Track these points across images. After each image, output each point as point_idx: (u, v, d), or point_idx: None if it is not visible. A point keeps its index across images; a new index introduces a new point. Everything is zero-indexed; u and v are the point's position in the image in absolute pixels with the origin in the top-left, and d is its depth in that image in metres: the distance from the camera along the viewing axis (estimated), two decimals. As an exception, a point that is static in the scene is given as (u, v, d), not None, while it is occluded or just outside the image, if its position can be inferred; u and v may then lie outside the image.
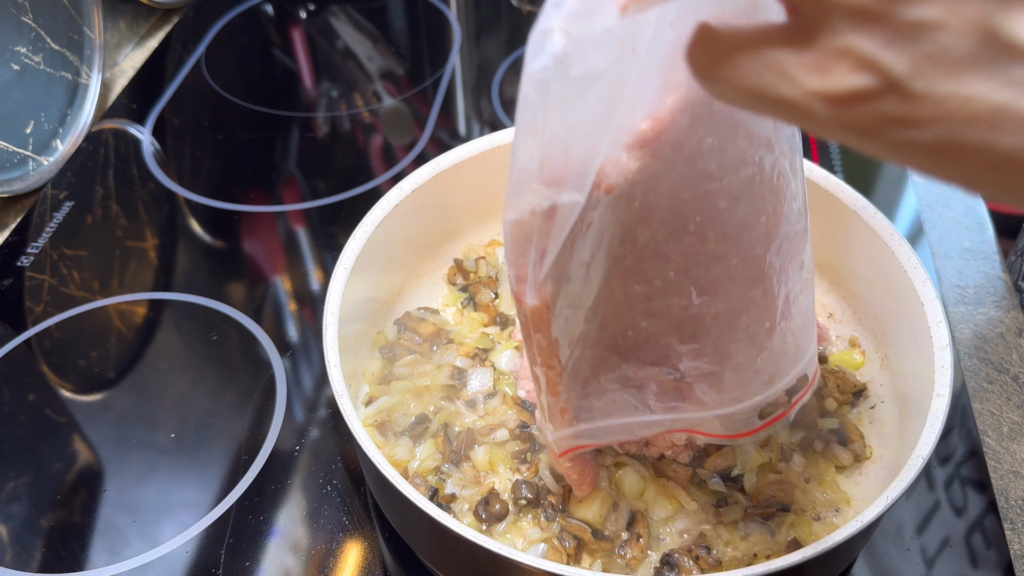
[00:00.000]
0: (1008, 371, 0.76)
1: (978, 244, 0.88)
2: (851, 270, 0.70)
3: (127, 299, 0.84)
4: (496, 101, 1.08)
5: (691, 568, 0.56)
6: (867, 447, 0.64)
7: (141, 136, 1.05)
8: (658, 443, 0.60)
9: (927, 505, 0.65)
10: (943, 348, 0.56)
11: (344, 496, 0.67)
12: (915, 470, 0.50)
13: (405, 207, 0.69)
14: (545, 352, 0.47)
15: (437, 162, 0.71)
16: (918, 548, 0.63)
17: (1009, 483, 0.68)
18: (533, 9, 1.25)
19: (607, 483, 0.61)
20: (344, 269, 0.63)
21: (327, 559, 0.63)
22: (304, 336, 0.80)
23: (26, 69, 0.99)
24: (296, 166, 1.01)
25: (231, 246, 0.90)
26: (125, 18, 1.20)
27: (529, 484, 0.60)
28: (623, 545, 0.58)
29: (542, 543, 0.58)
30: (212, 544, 0.64)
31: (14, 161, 0.96)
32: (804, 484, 0.62)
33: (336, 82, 1.14)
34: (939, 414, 0.53)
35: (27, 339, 0.81)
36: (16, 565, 0.64)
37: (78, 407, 0.75)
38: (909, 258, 0.61)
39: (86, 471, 0.70)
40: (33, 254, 0.89)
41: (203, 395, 0.75)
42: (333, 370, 0.57)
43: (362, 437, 0.53)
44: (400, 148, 1.03)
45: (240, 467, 0.69)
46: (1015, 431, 0.72)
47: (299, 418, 0.73)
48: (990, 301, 0.82)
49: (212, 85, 1.12)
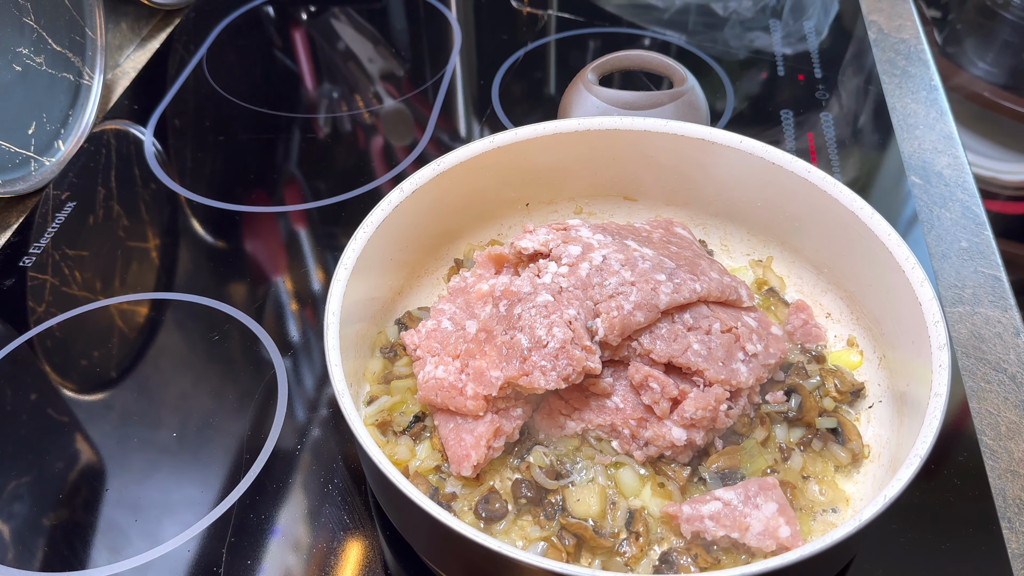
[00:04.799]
0: (1005, 370, 0.77)
1: (976, 244, 0.88)
2: (849, 270, 0.70)
3: (129, 299, 0.85)
4: (496, 102, 1.09)
5: (689, 566, 0.56)
6: (865, 446, 0.64)
7: (143, 137, 1.05)
8: (658, 443, 0.60)
9: (925, 504, 0.66)
10: (941, 348, 0.57)
11: (345, 495, 0.68)
12: (913, 469, 0.50)
13: (406, 208, 0.69)
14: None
15: (438, 163, 0.71)
16: (916, 547, 0.63)
17: (1007, 482, 0.68)
18: (533, 10, 1.25)
19: (606, 481, 0.61)
20: (345, 269, 0.63)
21: (328, 557, 0.64)
22: (305, 336, 0.80)
23: (28, 70, 0.99)
24: (297, 167, 1.01)
25: (232, 246, 0.90)
26: (127, 19, 1.21)
27: (529, 483, 0.60)
28: (622, 543, 0.58)
29: (542, 541, 0.58)
30: (214, 543, 0.65)
31: (16, 162, 0.96)
32: (802, 483, 0.62)
33: (337, 83, 1.15)
34: (937, 413, 0.53)
35: (29, 339, 0.81)
36: (18, 564, 0.64)
37: (80, 406, 0.75)
38: (907, 258, 0.62)
39: (88, 470, 0.70)
40: (35, 254, 0.89)
41: (205, 395, 0.76)
42: (334, 369, 0.57)
43: (363, 436, 0.53)
44: (401, 149, 1.03)
45: (241, 466, 0.70)
46: (1012, 430, 0.72)
47: (300, 417, 0.73)
48: (987, 301, 0.83)
49: (213, 86, 1.13)
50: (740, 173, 0.73)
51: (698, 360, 0.60)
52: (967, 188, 0.95)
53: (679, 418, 0.59)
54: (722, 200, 0.78)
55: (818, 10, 1.23)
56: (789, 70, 1.12)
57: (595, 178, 0.79)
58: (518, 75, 1.13)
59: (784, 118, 1.04)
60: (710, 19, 1.23)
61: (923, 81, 1.11)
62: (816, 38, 1.18)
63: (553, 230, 0.67)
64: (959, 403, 0.73)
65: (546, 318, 0.59)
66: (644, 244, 0.66)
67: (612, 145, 0.75)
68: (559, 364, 0.58)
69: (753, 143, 0.71)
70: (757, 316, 0.67)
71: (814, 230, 0.72)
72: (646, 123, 0.74)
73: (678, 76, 0.82)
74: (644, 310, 0.60)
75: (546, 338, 0.58)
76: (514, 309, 0.61)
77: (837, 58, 1.14)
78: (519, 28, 1.22)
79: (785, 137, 1.01)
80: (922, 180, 0.96)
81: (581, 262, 0.62)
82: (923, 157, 0.99)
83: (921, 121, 1.05)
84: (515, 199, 0.80)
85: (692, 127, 0.73)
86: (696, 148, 0.73)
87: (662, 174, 0.77)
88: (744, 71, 1.13)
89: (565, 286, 0.61)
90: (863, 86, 1.08)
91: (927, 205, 0.93)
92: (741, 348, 0.63)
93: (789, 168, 0.70)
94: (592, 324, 0.60)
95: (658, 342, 0.60)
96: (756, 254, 0.79)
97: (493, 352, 0.60)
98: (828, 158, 0.98)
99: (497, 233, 0.81)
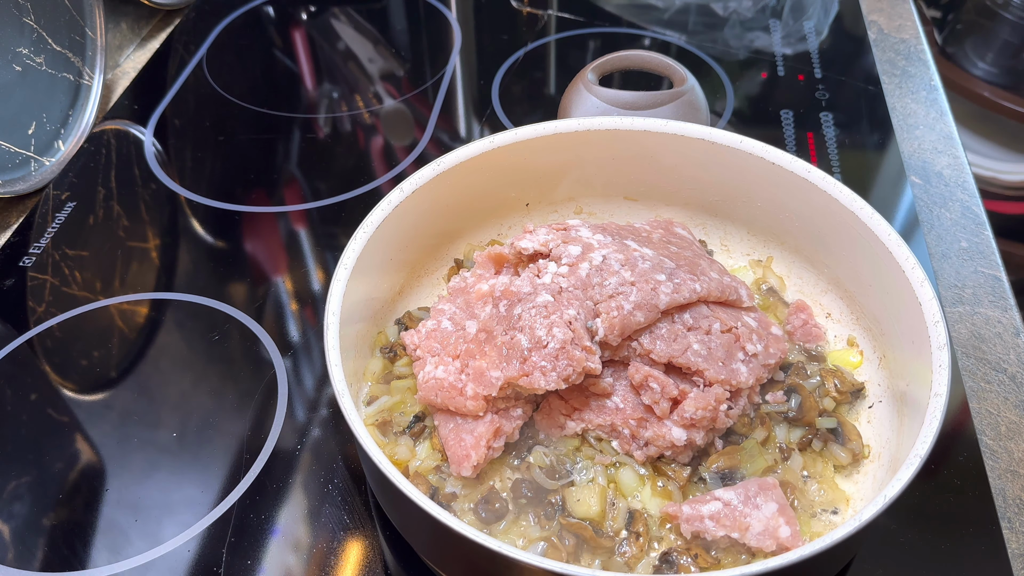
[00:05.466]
0: (1005, 370, 0.77)
1: (976, 244, 0.88)
2: (849, 270, 0.70)
3: (129, 299, 0.85)
4: (496, 102, 1.09)
5: (689, 566, 0.56)
6: (865, 446, 0.64)
7: (143, 137, 1.05)
8: (658, 443, 0.60)
9: (925, 504, 0.66)
10: (941, 348, 0.57)
11: (345, 495, 0.68)
12: (913, 469, 0.50)
13: (406, 208, 0.69)
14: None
15: (438, 163, 0.71)
16: (916, 547, 0.63)
17: (1007, 482, 0.68)
18: (533, 10, 1.25)
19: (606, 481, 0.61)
20: (345, 269, 0.63)
21: (328, 557, 0.64)
22: (305, 336, 0.80)
23: (28, 70, 0.99)
24: (297, 167, 1.01)
25: (232, 246, 0.90)
26: (127, 19, 1.21)
27: (529, 483, 0.60)
28: (622, 543, 0.58)
29: (542, 541, 0.58)
30: (214, 543, 0.65)
31: (16, 162, 0.96)
32: (802, 483, 0.62)
33: (337, 83, 1.15)
34: (937, 413, 0.53)
35: (29, 339, 0.81)
36: (18, 564, 0.64)
37: (80, 407, 0.75)
38: (907, 258, 0.62)
39: (88, 470, 0.70)
40: (35, 254, 0.89)
41: (205, 395, 0.76)
42: (334, 369, 0.57)
43: (363, 436, 0.53)
44: (401, 149, 1.03)
45: (241, 466, 0.70)
46: (1012, 430, 0.72)
47: (300, 417, 0.73)
48: (987, 301, 0.83)
49: (213, 86, 1.13)
50: (740, 173, 0.73)
51: (698, 360, 0.60)
52: (967, 188, 0.95)
53: (679, 418, 0.60)
54: (722, 200, 0.78)
55: (818, 10, 1.23)
56: (789, 70, 1.12)
57: (595, 178, 0.79)
58: (518, 75, 1.13)
59: (784, 118, 1.04)
60: (710, 19, 1.23)
61: (923, 81, 1.11)
62: (816, 38, 1.18)
63: (553, 230, 0.67)
64: (959, 403, 0.73)
65: (546, 318, 0.59)
66: (644, 244, 0.66)
67: (612, 145, 0.75)
68: (559, 364, 0.58)
69: (753, 143, 0.71)
70: (757, 316, 0.67)
71: (814, 230, 0.72)
72: (646, 123, 0.74)
73: (678, 76, 0.82)
74: (644, 310, 0.60)
75: (546, 338, 0.58)
76: (514, 309, 0.61)
77: (837, 58, 1.14)
78: (519, 28, 1.22)
79: (785, 137, 1.01)
80: (922, 180, 0.96)
81: (581, 262, 0.62)
82: (923, 157, 0.99)
83: (921, 121, 1.05)
84: (515, 199, 0.80)
85: (692, 127, 0.73)
86: (696, 148, 0.73)
87: (662, 174, 0.77)
88: (744, 71, 1.13)
89: (565, 286, 0.61)
90: (863, 86, 1.08)
91: (927, 205, 0.93)
92: (741, 348, 0.63)
93: (789, 168, 0.70)
94: (592, 324, 0.60)
95: (658, 342, 0.60)
96: (756, 254, 0.79)
97: (493, 352, 0.60)
98: (828, 158, 0.98)
99: (497, 233, 0.81)
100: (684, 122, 0.73)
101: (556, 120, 0.74)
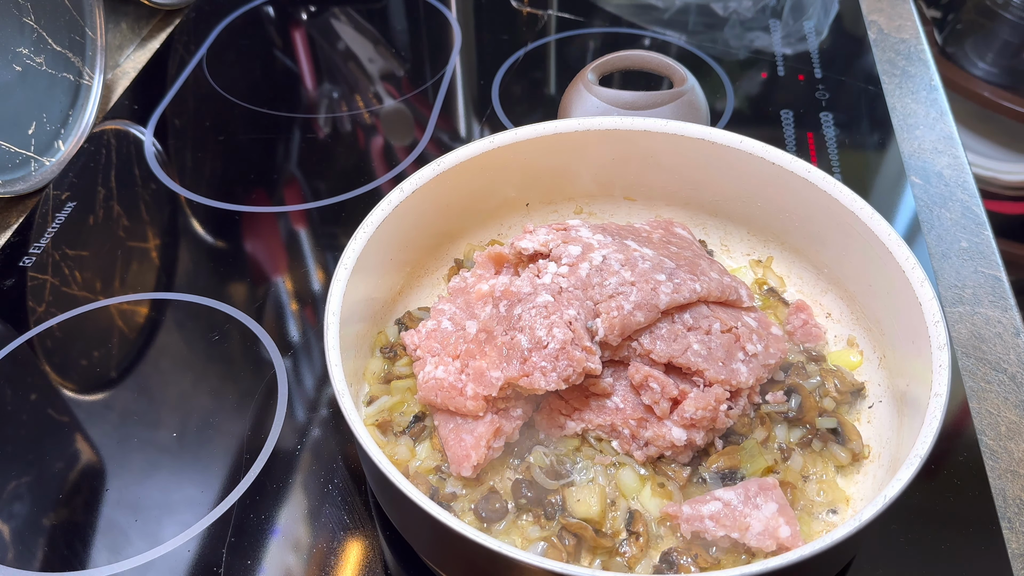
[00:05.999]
0: (1006, 370, 0.77)
1: (976, 244, 0.88)
2: (849, 270, 0.70)
3: (129, 299, 0.85)
4: (496, 102, 1.09)
5: (689, 566, 0.56)
6: (865, 446, 0.64)
7: (143, 137, 1.05)
8: (658, 443, 0.60)
9: (925, 504, 0.66)
10: (941, 348, 0.57)
11: (345, 495, 0.68)
12: (913, 469, 0.50)
13: (406, 208, 0.69)
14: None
15: (438, 163, 0.71)
16: (916, 547, 0.63)
17: (1007, 482, 0.68)
18: (533, 10, 1.25)
19: (606, 481, 0.61)
20: (345, 269, 0.63)
21: (328, 558, 0.64)
22: (305, 336, 0.80)
23: (28, 70, 0.99)
24: (297, 167, 1.01)
25: (232, 246, 0.90)
26: (127, 19, 1.21)
27: (529, 483, 0.60)
28: (622, 543, 0.58)
29: (541, 541, 0.58)
30: (214, 543, 0.65)
31: (16, 162, 0.96)
32: (802, 483, 0.62)
33: (337, 83, 1.15)
34: (937, 413, 0.53)
35: (29, 339, 0.81)
36: (18, 564, 0.64)
37: (80, 407, 0.75)
38: (907, 258, 0.62)
39: (88, 470, 0.70)
40: (35, 254, 0.89)
41: (205, 395, 0.76)
42: (334, 370, 0.57)
43: (363, 436, 0.53)
44: (401, 149, 1.03)
45: (241, 466, 0.70)
46: (1012, 430, 0.72)
47: (300, 417, 0.73)
48: (988, 301, 0.83)
49: (213, 86, 1.13)
50: (740, 173, 0.73)
51: (698, 360, 0.60)
52: (967, 188, 0.95)
53: (679, 418, 0.60)
54: (722, 200, 0.78)
55: (818, 10, 1.23)
56: (789, 70, 1.12)
57: (595, 178, 0.79)
58: (518, 75, 1.13)
59: (784, 118, 1.04)
60: (710, 19, 1.23)
61: (923, 81, 1.11)
62: (816, 38, 1.18)
63: (553, 230, 0.67)
64: (959, 403, 0.73)
65: (546, 318, 0.59)
66: (644, 244, 0.66)
67: (612, 145, 0.75)
68: (559, 365, 0.58)
69: (753, 143, 0.71)
70: (757, 316, 0.67)
71: (814, 230, 0.72)
72: (646, 123, 0.74)
73: (678, 76, 0.82)
74: (644, 310, 0.60)
75: (546, 339, 0.58)
76: (514, 309, 0.61)
77: (837, 58, 1.14)
78: (519, 28, 1.22)
79: (785, 137, 1.01)
80: (922, 180, 0.96)
81: (581, 262, 0.62)
82: (923, 157, 0.99)
83: (921, 121, 1.05)
84: (515, 199, 0.80)
85: (692, 127, 0.73)
86: (696, 148, 0.73)
87: (662, 174, 0.77)
88: (744, 71, 1.13)
89: (565, 286, 0.61)
90: (863, 86, 1.08)
91: (927, 205, 0.93)
92: (741, 348, 0.63)
93: (789, 168, 0.70)
94: (592, 324, 0.60)
95: (658, 342, 0.60)
96: (756, 254, 0.79)
97: (493, 352, 0.60)
98: (828, 158, 0.98)
99: (497, 233, 0.81)
100: (684, 122, 0.73)
101: (556, 120, 0.74)
